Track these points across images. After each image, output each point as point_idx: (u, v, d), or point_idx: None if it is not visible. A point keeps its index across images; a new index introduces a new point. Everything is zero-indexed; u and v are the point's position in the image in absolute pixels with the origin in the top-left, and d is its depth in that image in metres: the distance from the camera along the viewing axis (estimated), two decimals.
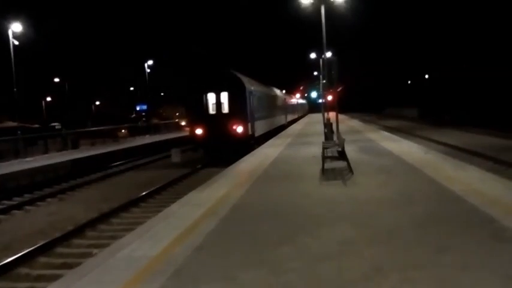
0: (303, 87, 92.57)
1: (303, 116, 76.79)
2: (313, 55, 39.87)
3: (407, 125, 48.67)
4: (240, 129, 22.56)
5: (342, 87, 25.78)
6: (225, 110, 22.92)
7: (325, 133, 22.00)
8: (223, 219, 7.27)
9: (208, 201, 8.80)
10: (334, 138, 19.05)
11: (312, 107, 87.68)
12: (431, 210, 7.10)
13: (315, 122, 46.22)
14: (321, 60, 31.40)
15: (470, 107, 46.52)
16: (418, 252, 5.18)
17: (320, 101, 41.95)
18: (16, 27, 28.98)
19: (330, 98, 27.20)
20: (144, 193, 14.31)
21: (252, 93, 24.57)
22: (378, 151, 16.03)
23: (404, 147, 16.82)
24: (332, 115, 24.16)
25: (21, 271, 8.01)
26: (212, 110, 23.04)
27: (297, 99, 73.71)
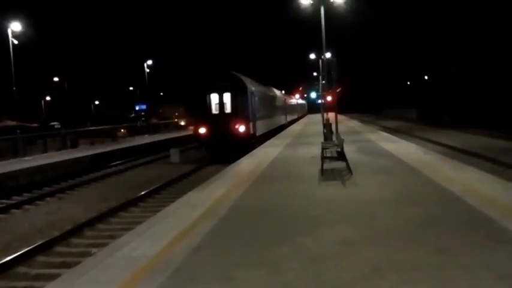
0: (303, 88, 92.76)
1: (302, 117, 76.82)
2: (312, 56, 39.95)
3: (406, 125, 48.73)
4: (242, 128, 23.18)
5: (341, 88, 25.75)
6: (228, 110, 23.56)
7: (324, 133, 22.02)
8: (222, 219, 7.28)
9: (207, 201, 8.81)
10: (334, 138, 19.06)
11: (312, 108, 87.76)
12: (430, 210, 7.11)
13: (314, 122, 46.24)
14: (320, 60, 31.42)
15: (469, 109, 46.54)
16: (417, 252, 5.19)
17: (319, 101, 41.97)
18: (15, 27, 29.00)
19: (329, 98, 27.22)
20: (143, 193, 14.31)
21: (253, 93, 25.09)
22: (377, 152, 16.04)
23: (404, 148, 16.83)
24: (331, 116, 24.17)
25: (19, 270, 8.01)
26: (215, 110, 23.65)
27: (296, 100, 73.78)
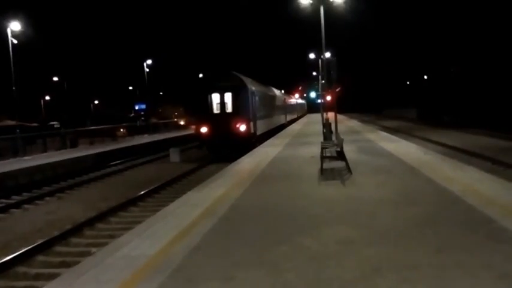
0: (302, 87, 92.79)
1: (302, 116, 76.86)
2: (312, 55, 39.96)
3: (406, 125, 48.75)
4: (242, 127, 23.65)
5: (341, 88, 25.79)
6: (229, 110, 24.04)
7: (323, 133, 22.03)
8: (221, 219, 7.27)
9: (207, 200, 8.80)
10: (333, 138, 19.06)
11: (311, 107, 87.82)
12: (430, 210, 7.11)
13: (313, 122, 46.24)
14: (320, 60, 31.44)
15: (469, 108, 46.56)
16: (417, 252, 5.19)
17: (319, 101, 41.99)
18: (15, 26, 28.96)
19: (328, 98, 27.24)
20: (142, 192, 14.30)
21: (254, 93, 25.54)
22: (376, 151, 16.03)
23: (403, 148, 16.83)
24: (331, 115, 24.17)
25: (19, 270, 8.01)
26: (216, 110, 24.11)
27: (296, 99, 73.83)
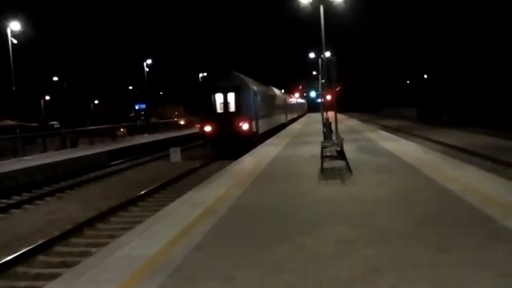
0: (302, 87, 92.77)
1: (302, 116, 76.92)
2: (312, 55, 39.96)
3: (406, 124, 48.75)
4: (245, 126, 24.38)
5: (341, 87, 25.82)
6: (232, 109, 24.77)
7: (324, 132, 22.03)
8: (221, 219, 7.28)
9: (207, 200, 8.80)
10: (333, 137, 19.06)
11: (311, 107, 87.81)
12: (430, 209, 7.11)
13: (314, 121, 46.24)
14: (320, 59, 31.42)
15: (469, 107, 46.54)
16: (417, 251, 5.19)
17: (319, 100, 41.99)
18: (15, 26, 28.93)
19: (328, 97, 27.24)
20: (142, 192, 14.30)
21: (256, 93, 26.27)
22: (376, 151, 16.04)
23: (403, 147, 16.83)
24: (331, 115, 24.18)
25: (19, 270, 8.01)
26: (220, 109, 24.86)
27: (296, 99, 73.90)
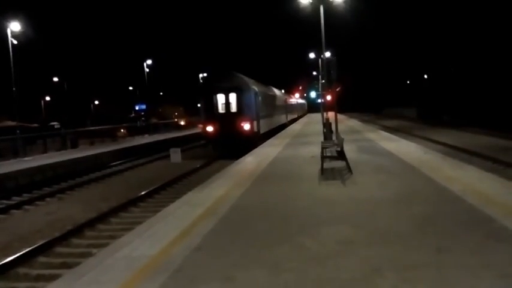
0: (302, 87, 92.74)
1: (302, 116, 76.92)
2: (312, 55, 39.96)
3: (406, 125, 48.74)
4: (247, 126, 24.79)
5: (341, 87, 25.84)
6: (233, 109, 25.13)
7: (324, 133, 22.03)
8: (222, 219, 7.28)
9: (208, 200, 8.81)
10: (333, 138, 19.06)
11: (311, 107, 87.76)
12: (430, 209, 7.11)
13: (314, 121, 46.25)
14: (320, 60, 31.43)
15: (469, 108, 46.54)
16: (417, 252, 5.19)
17: (319, 100, 42.00)
18: (15, 27, 28.95)
19: (329, 97, 27.25)
20: (143, 193, 14.30)
21: (257, 94, 26.62)
22: (377, 151, 16.04)
23: (403, 147, 16.83)
24: (331, 115, 24.19)
25: (20, 271, 8.01)
26: (221, 110, 25.21)
27: (296, 99, 73.92)
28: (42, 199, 14.89)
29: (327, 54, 23.40)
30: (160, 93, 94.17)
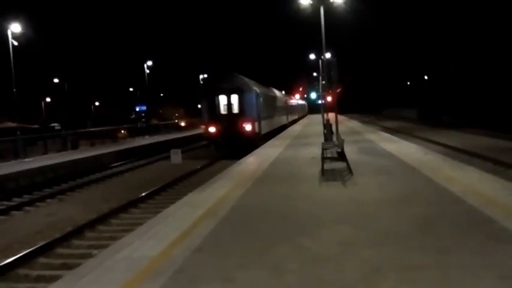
0: (303, 88, 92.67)
1: (303, 117, 76.97)
2: (312, 56, 39.95)
3: (406, 126, 48.72)
4: (248, 127, 25.17)
5: (341, 88, 25.87)
6: (235, 110, 25.58)
7: (324, 134, 22.03)
8: (222, 220, 7.28)
9: (208, 201, 8.81)
10: (334, 139, 19.06)
11: (312, 108, 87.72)
12: (430, 211, 7.11)
13: (314, 123, 46.26)
14: (320, 61, 31.42)
15: (469, 108, 46.55)
16: (418, 253, 5.19)
17: (319, 101, 42.00)
18: (15, 28, 28.98)
19: (329, 99, 27.28)
20: (143, 194, 14.31)
21: (258, 95, 26.99)
22: (377, 152, 16.04)
23: (404, 148, 16.83)
24: (331, 116, 24.19)
25: (20, 272, 8.01)
26: (223, 111, 25.66)
27: (297, 100, 73.94)
28: (42, 200, 14.89)
29: (327, 55, 23.42)
30: (161, 95, 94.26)
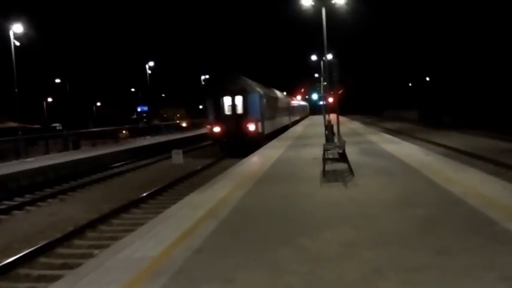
0: (304, 89, 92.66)
1: (304, 118, 77.01)
2: (314, 57, 39.98)
3: (407, 127, 48.67)
4: (252, 127, 25.84)
5: (343, 90, 25.96)
6: (239, 111, 26.24)
7: (326, 135, 22.03)
8: (223, 221, 7.28)
9: (209, 202, 8.81)
10: (335, 140, 19.06)
11: (313, 109, 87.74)
12: (431, 212, 7.11)
13: (316, 124, 46.26)
14: (321, 62, 31.42)
15: (471, 110, 46.50)
16: (419, 254, 5.19)
17: (321, 103, 42.01)
18: (17, 28, 29.04)
19: (330, 100, 27.32)
20: (144, 194, 14.31)
21: (262, 96, 27.67)
22: (378, 153, 16.03)
23: (405, 150, 16.82)
24: (333, 117, 24.18)
25: (21, 271, 8.02)
26: (228, 111, 26.35)
27: (298, 101, 73.99)
28: (43, 200, 14.91)
29: (329, 56, 23.40)
30: (162, 95, 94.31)
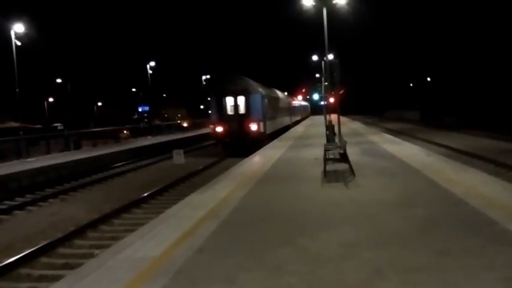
0: (305, 89, 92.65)
1: (305, 118, 77.02)
2: (315, 57, 39.99)
3: (409, 127, 48.65)
4: (254, 127, 26.30)
5: (344, 90, 26.02)
6: (242, 111, 26.73)
7: (327, 135, 22.02)
8: (224, 221, 7.29)
9: (210, 202, 8.82)
10: (336, 140, 19.06)
11: (314, 109, 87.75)
12: (432, 212, 7.10)
13: (317, 124, 46.25)
14: (322, 62, 31.42)
15: (472, 110, 46.46)
16: (420, 254, 5.18)
17: (322, 103, 42.01)
18: (18, 28, 29.08)
19: (331, 100, 27.35)
20: (145, 194, 14.33)
21: (263, 96, 28.13)
22: (379, 153, 16.02)
23: (406, 150, 16.81)
24: (334, 117, 24.17)
25: (22, 271, 8.03)
26: (230, 111, 26.86)
27: (299, 102, 74.01)
28: (45, 200, 14.93)
29: (330, 57, 23.41)
30: (164, 95, 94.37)
